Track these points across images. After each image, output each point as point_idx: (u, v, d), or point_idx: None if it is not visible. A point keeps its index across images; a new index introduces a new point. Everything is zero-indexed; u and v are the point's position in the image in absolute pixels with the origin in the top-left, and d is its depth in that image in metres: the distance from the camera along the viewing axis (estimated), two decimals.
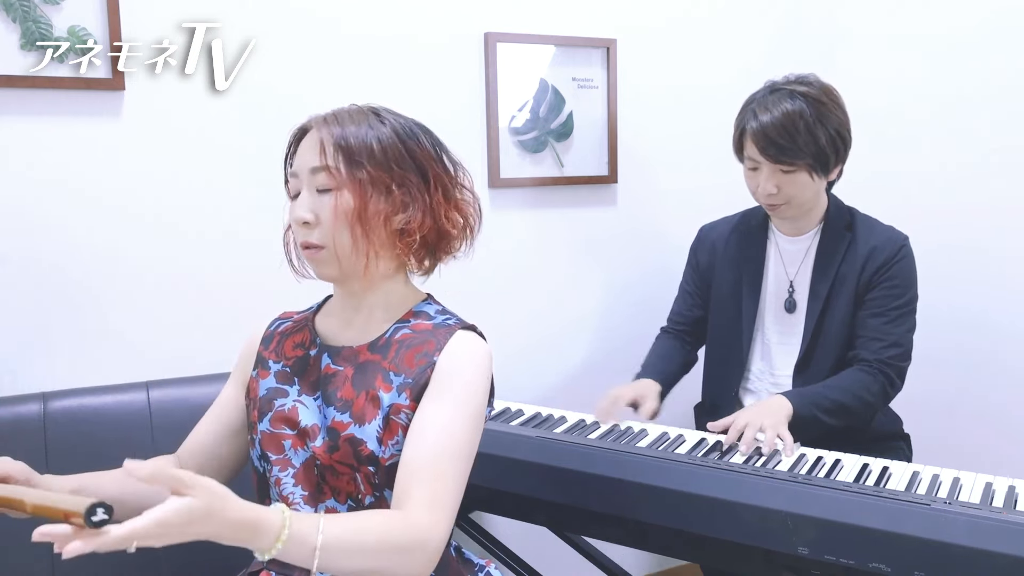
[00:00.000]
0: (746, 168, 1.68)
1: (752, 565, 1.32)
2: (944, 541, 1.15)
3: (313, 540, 0.91)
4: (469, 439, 1.06)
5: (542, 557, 1.87)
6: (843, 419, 1.58)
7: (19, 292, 1.57)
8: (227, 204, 1.71)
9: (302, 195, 1.10)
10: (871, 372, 1.61)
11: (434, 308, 1.17)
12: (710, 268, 1.82)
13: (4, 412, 1.41)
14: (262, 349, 1.21)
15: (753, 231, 1.78)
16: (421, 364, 1.08)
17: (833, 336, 1.66)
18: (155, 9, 1.62)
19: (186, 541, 0.85)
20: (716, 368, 1.84)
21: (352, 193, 1.07)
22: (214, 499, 0.84)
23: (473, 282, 1.98)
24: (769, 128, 1.57)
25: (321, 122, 1.11)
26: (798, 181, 1.60)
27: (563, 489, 1.44)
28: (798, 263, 1.72)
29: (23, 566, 1.36)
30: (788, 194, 1.62)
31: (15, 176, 1.55)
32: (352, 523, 0.96)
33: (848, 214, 1.70)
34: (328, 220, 1.08)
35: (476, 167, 1.99)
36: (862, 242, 1.66)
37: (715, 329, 1.83)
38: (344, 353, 1.13)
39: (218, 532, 0.86)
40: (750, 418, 1.49)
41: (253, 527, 0.88)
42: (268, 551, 0.89)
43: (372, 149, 1.08)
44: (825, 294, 1.66)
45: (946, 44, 2.10)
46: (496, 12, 1.96)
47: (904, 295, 1.63)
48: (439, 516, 1.00)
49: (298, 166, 1.11)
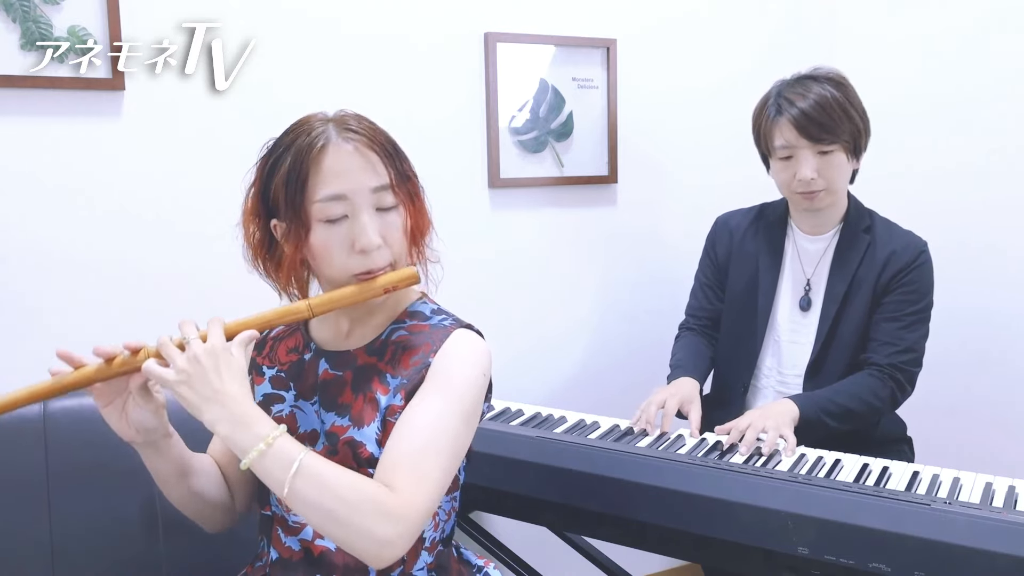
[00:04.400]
0: (777, 160, 1.66)
1: (752, 565, 1.32)
2: (944, 541, 1.15)
3: (294, 458, 0.92)
4: (458, 433, 1.03)
5: (542, 557, 1.87)
6: (849, 424, 1.59)
7: (19, 292, 1.57)
8: (227, 204, 1.69)
9: (363, 219, 1.02)
10: (881, 377, 1.61)
11: (429, 308, 1.16)
12: (727, 259, 1.81)
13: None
14: (255, 354, 1.20)
15: (772, 226, 1.77)
16: (417, 365, 1.07)
17: (847, 338, 1.66)
18: (155, 9, 1.62)
19: (198, 409, 0.94)
20: (726, 362, 1.83)
21: (410, 210, 1.08)
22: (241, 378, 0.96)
23: (473, 282, 1.98)
24: (808, 110, 1.58)
25: (344, 131, 1.03)
26: (835, 163, 1.60)
27: (563, 489, 1.44)
28: (815, 262, 1.71)
29: (23, 566, 1.36)
30: (828, 178, 1.61)
31: (15, 176, 1.55)
32: (336, 467, 0.95)
33: (868, 216, 1.70)
34: (397, 240, 1.06)
35: (476, 167, 1.99)
36: (881, 245, 1.65)
37: (728, 323, 1.82)
38: (342, 358, 1.12)
39: (225, 413, 0.93)
40: (753, 419, 1.49)
41: (251, 420, 0.93)
42: (249, 451, 0.92)
43: (402, 153, 1.09)
44: (842, 295, 1.65)
45: (946, 44, 2.10)
46: (496, 12, 1.96)
47: (920, 301, 1.63)
48: (421, 499, 0.96)
49: (348, 189, 1.02)
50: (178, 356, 0.96)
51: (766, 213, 1.80)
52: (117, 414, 1.03)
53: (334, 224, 1.03)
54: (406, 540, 0.94)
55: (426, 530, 1.11)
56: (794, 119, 1.59)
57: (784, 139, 1.62)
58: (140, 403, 1.02)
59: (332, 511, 0.92)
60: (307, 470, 0.92)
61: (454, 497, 1.16)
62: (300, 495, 0.92)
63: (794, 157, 1.62)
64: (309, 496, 0.92)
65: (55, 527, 1.38)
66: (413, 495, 0.95)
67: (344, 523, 0.92)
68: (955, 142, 2.10)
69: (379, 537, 0.92)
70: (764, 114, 1.66)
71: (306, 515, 0.94)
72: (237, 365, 0.97)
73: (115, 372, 0.99)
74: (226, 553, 1.38)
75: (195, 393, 0.94)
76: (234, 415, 0.93)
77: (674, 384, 1.70)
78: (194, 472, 1.12)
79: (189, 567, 1.42)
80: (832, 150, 1.60)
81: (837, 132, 1.59)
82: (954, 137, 2.10)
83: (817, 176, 1.60)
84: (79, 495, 1.39)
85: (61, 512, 1.38)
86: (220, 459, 1.19)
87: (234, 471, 1.18)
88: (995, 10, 2.02)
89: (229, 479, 1.18)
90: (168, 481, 1.10)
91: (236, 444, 0.93)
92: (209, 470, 1.15)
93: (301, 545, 1.10)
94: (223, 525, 1.19)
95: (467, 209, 1.98)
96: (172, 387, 0.95)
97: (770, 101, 1.65)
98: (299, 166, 1.03)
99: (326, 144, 1.03)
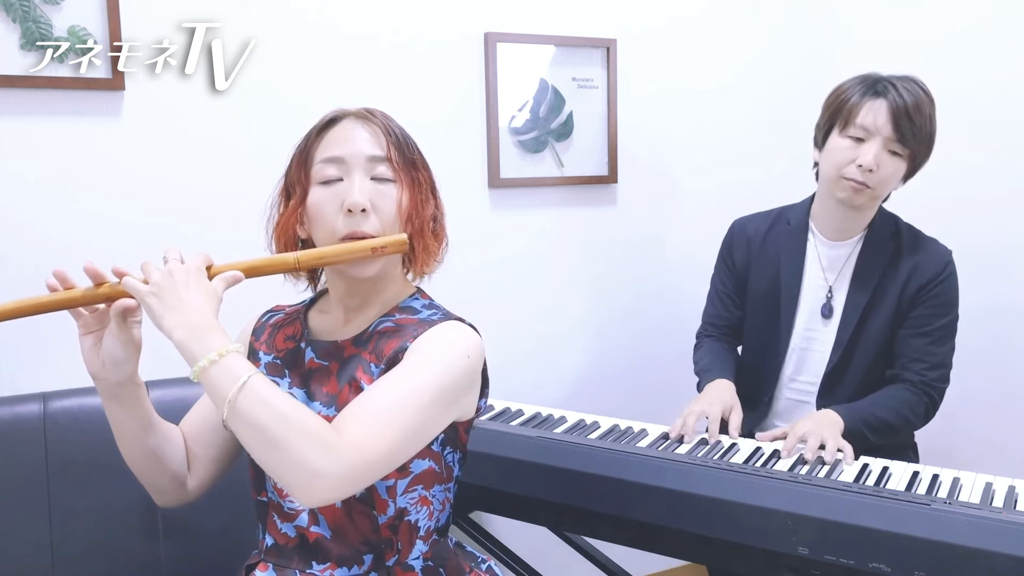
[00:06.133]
0: (844, 138, 1.58)
1: (752, 565, 1.32)
2: (944, 541, 1.14)
3: (242, 375, 0.92)
4: (428, 404, 0.99)
5: (542, 557, 1.87)
6: (886, 438, 1.58)
7: (19, 292, 1.56)
8: (227, 204, 1.71)
9: (355, 180, 1.07)
10: (916, 393, 1.59)
11: (421, 303, 1.16)
12: (746, 266, 1.77)
13: (4, 412, 1.41)
14: (253, 340, 1.21)
15: (793, 232, 1.72)
16: (395, 347, 1.06)
17: (867, 348, 1.63)
18: (155, 9, 1.62)
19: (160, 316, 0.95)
20: (751, 369, 1.78)
21: (409, 190, 1.09)
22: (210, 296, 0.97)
23: (472, 282, 1.98)
24: (911, 107, 1.54)
25: (364, 115, 1.11)
26: (893, 167, 1.57)
27: (563, 489, 1.44)
28: (838, 269, 1.68)
29: (23, 566, 1.36)
30: (882, 176, 1.56)
31: (15, 176, 1.55)
32: (286, 396, 0.94)
33: (893, 222, 1.67)
34: (389, 211, 1.08)
35: (476, 167, 1.99)
36: (907, 256, 1.62)
37: (751, 330, 1.79)
38: (329, 348, 1.13)
39: (183, 319, 0.94)
40: (810, 428, 1.47)
41: (208, 330, 0.94)
42: (200, 359, 0.92)
43: (417, 150, 1.13)
44: (864, 304, 1.62)
45: (946, 44, 2.10)
46: (496, 12, 1.96)
47: (948, 314, 1.61)
48: (367, 450, 0.93)
49: (346, 152, 1.07)
50: (155, 272, 0.99)
51: (786, 217, 1.75)
52: (91, 343, 1.05)
53: (329, 185, 1.08)
54: (340, 481, 0.91)
55: (420, 519, 1.11)
56: (894, 106, 1.54)
57: (871, 120, 1.55)
58: (115, 332, 1.03)
59: (269, 429, 0.90)
60: (253, 388, 0.91)
61: (448, 488, 1.15)
62: (241, 411, 0.91)
63: (866, 143, 1.56)
64: (250, 412, 0.90)
65: (55, 526, 1.38)
66: (359, 442, 0.93)
67: (280, 445, 0.90)
68: (954, 142, 2.10)
69: (312, 466, 0.89)
70: (855, 89, 1.58)
71: (244, 435, 0.92)
72: (209, 286, 0.98)
73: (101, 295, 1.02)
74: (226, 552, 1.38)
75: (160, 302, 0.96)
76: (191, 322, 0.94)
77: (711, 391, 1.65)
78: (155, 431, 1.12)
79: (189, 566, 1.42)
80: (902, 155, 1.57)
81: (920, 138, 1.56)
82: (953, 137, 2.10)
83: (876, 169, 1.55)
84: (79, 494, 1.39)
85: (61, 511, 1.38)
86: (189, 433, 1.19)
87: (200, 449, 1.18)
88: (995, 10, 2.02)
89: (192, 455, 1.18)
90: (127, 435, 1.10)
91: (188, 351, 0.93)
92: (173, 439, 1.15)
93: (296, 532, 1.10)
94: (172, 499, 1.18)
95: (467, 209, 1.99)
96: (143, 297, 0.97)
97: (868, 81, 1.58)
98: (311, 135, 1.12)
99: (338, 118, 1.11)
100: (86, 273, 1.02)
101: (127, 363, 1.05)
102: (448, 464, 1.13)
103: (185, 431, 1.19)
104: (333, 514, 1.08)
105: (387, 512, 1.07)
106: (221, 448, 1.20)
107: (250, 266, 1.05)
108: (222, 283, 1.00)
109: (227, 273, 1.02)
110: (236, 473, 1.21)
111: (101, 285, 1.02)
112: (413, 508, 1.09)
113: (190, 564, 1.42)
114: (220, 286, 1.00)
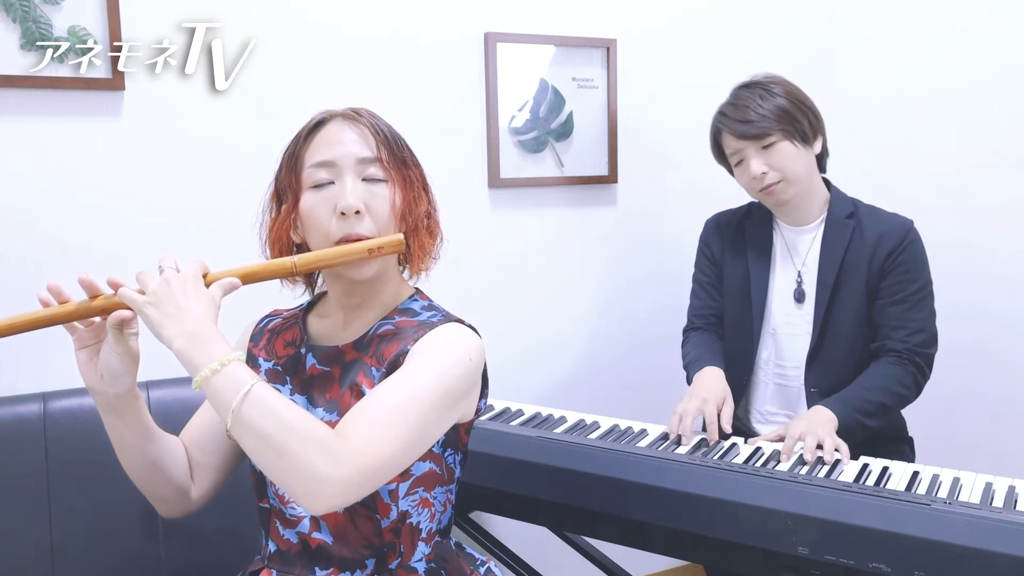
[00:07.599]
0: (735, 168, 1.73)
1: (752, 565, 1.32)
2: (944, 541, 1.14)
3: (245, 383, 0.91)
4: (432, 407, 0.99)
5: (542, 557, 1.87)
6: (884, 419, 1.60)
7: (19, 292, 1.57)
8: (227, 204, 1.71)
9: (347, 183, 1.06)
10: (901, 363, 1.61)
11: (420, 304, 1.15)
12: (722, 257, 1.84)
13: (4, 412, 1.41)
14: (251, 346, 1.20)
15: (759, 222, 1.79)
16: (396, 351, 1.06)
17: (843, 325, 1.67)
18: (155, 9, 1.62)
19: (159, 325, 0.94)
20: (727, 357, 1.81)
21: (402, 189, 1.09)
22: (208, 304, 0.96)
23: (472, 282, 1.98)
24: (733, 113, 1.67)
25: (350, 115, 1.10)
26: (781, 152, 1.64)
27: (563, 489, 1.44)
28: (804, 253, 1.73)
29: (23, 566, 1.36)
30: (779, 168, 1.64)
31: (15, 176, 1.55)
32: (289, 402, 0.93)
33: (851, 204, 1.72)
34: (383, 212, 1.07)
35: (476, 167, 1.99)
36: (868, 230, 1.66)
37: (727, 321, 1.83)
38: (330, 353, 1.12)
39: (183, 329, 0.93)
40: (805, 428, 1.48)
41: (208, 339, 0.93)
42: (202, 368, 0.92)
43: (407, 147, 1.13)
44: (832, 283, 1.67)
45: (946, 44, 2.10)
46: (496, 12, 1.97)
47: (918, 279, 1.64)
48: (371, 455, 0.92)
49: (336, 155, 1.07)
50: (151, 281, 0.98)
51: (753, 210, 1.83)
52: (88, 358, 1.04)
53: (321, 189, 1.08)
54: (344, 487, 0.90)
55: (422, 521, 1.10)
56: (728, 126, 1.68)
57: (730, 148, 1.69)
58: (112, 344, 1.02)
59: (274, 437, 0.89)
60: (257, 396, 0.91)
61: (449, 489, 1.15)
62: (245, 419, 0.90)
63: (744, 160, 1.68)
64: (254, 421, 0.90)
65: (55, 526, 1.38)
66: (363, 446, 0.92)
67: (284, 452, 0.89)
68: (954, 142, 2.10)
69: (316, 472, 0.89)
70: (712, 130, 1.74)
71: (249, 444, 0.92)
72: (207, 294, 0.98)
73: (96, 308, 1.01)
74: (226, 553, 1.38)
75: (159, 311, 0.95)
76: (191, 331, 0.93)
77: (702, 383, 1.66)
78: (155, 442, 1.11)
79: (189, 567, 1.42)
80: (773, 141, 1.64)
81: (764, 121, 1.63)
82: (953, 137, 2.10)
83: (768, 170, 1.64)
84: (79, 494, 1.39)
85: (61, 511, 1.38)
86: (191, 442, 1.18)
87: (202, 457, 1.17)
88: (995, 10, 2.02)
89: (195, 465, 1.17)
90: (127, 448, 1.09)
91: (189, 360, 0.93)
92: (173, 449, 1.14)
93: (299, 538, 1.10)
94: (175, 509, 1.17)
95: (467, 209, 1.99)
96: (140, 308, 0.96)
97: (714, 118, 1.74)
98: (299, 139, 1.12)
99: (325, 121, 1.11)
100: (80, 284, 1.01)
101: (125, 376, 1.04)
102: (449, 465, 1.13)
103: (186, 440, 1.18)
104: (335, 519, 1.08)
105: (390, 516, 1.07)
106: (223, 456, 1.19)
107: (247, 272, 1.04)
108: (220, 290, 1.00)
109: (224, 280, 1.01)
110: (236, 475, 1.22)
111: (96, 298, 1.01)
112: (415, 510, 1.09)
113: (190, 564, 1.42)
114: (218, 293, 0.99)
